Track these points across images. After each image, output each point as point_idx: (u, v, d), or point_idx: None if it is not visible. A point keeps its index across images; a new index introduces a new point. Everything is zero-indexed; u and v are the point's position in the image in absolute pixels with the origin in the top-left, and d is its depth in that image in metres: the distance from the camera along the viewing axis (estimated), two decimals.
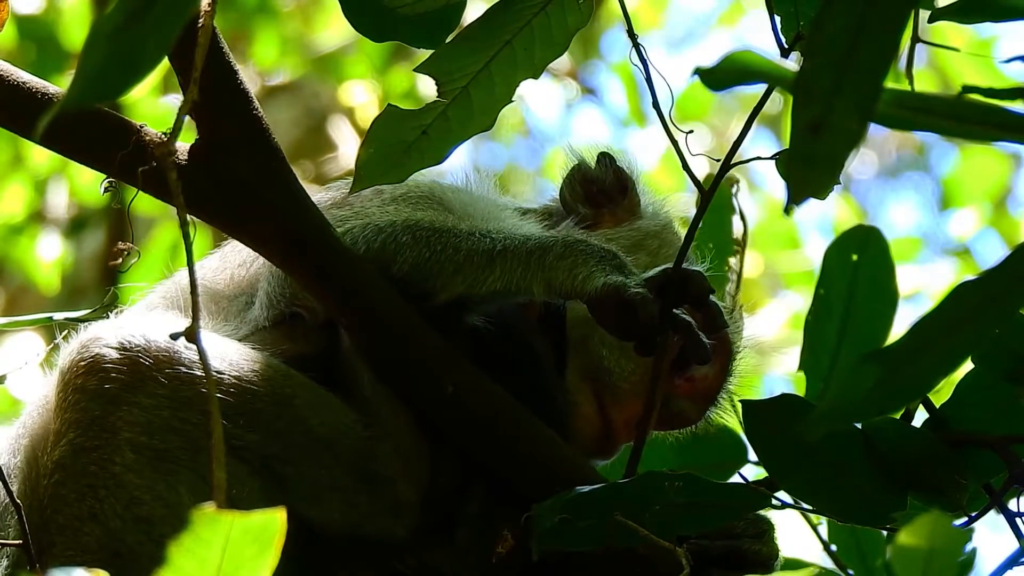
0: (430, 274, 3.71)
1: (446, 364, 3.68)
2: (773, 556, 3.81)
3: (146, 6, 2.62)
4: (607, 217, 4.30)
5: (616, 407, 4.05)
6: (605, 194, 4.32)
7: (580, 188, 4.32)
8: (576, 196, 4.31)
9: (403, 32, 3.75)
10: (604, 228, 4.26)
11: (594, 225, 4.26)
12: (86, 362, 3.60)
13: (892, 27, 2.54)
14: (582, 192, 4.32)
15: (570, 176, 4.32)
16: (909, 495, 3.51)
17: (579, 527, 3.47)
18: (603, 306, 3.63)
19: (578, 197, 4.31)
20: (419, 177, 3.81)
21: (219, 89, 3.52)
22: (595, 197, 4.31)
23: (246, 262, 4.04)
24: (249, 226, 3.64)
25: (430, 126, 3.70)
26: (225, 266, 4.08)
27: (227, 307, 3.96)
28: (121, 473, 3.56)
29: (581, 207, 4.29)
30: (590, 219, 4.27)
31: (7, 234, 9.85)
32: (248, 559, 2.53)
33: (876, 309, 4.07)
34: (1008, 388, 3.47)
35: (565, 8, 3.72)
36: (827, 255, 4.11)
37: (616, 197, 4.32)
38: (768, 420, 3.48)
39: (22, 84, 3.58)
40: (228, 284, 4.02)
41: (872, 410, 2.90)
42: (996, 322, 2.82)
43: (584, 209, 4.29)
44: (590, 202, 4.31)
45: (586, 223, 4.23)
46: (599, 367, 4.05)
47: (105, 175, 3.59)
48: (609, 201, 4.31)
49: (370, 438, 3.69)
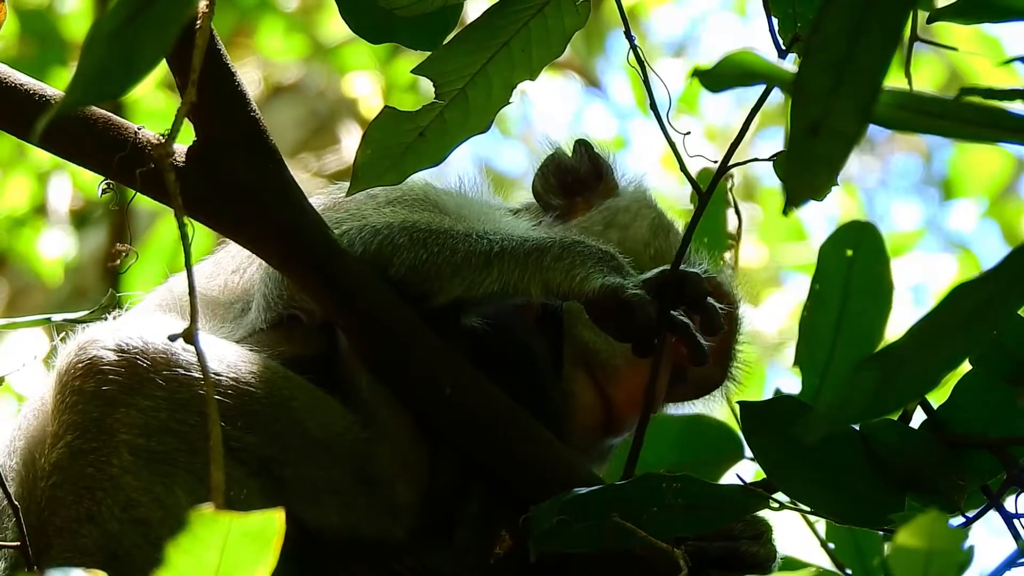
0: (428, 276, 3.71)
1: (444, 365, 3.69)
2: (771, 557, 3.81)
3: (144, 7, 2.62)
4: (580, 206, 4.30)
5: (614, 385, 4.04)
6: (581, 182, 4.32)
7: (554, 179, 4.32)
8: (549, 187, 4.32)
9: (401, 34, 3.75)
10: (578, 217, 4.27)
11: (567, 216, 4.27)
12: (84, 364, 3.60)
13: (891, 28, 2.54)
14: (556, 183, 4.32)
15: (543, 167, 4.33)
16: (907, 496, 3.50)
17: (577, 528, 3.47)
18: (601, 307, 3.63)
19: (551, 188, 4.32)
20: (413, 179, 3.81)
21: (217, 91, 3.52)
22: (570, 187, 4.32)
23: (240, 268, 4.04)
24: (247, 227, 3.64)
25: (427, 128, 3.70)
26: (219, 272, 4.08)
27: (222, 313, 3.95)
28: (118, 475, 3.56)
29: (553, 199, 4.29)
30: (563, 210, 4.27)
31: (11, 226, 9.83)
32: (246, 560, 2.53)
33: (871, 304, 4.06)
34: (1006, 389, 3.47)
35: (562, 10, 3.72)
36: (822, 250, 4.11)
37: (592, 184, 4.32)
38: (766, 421, 3.48)
39: (20, 86, 3.58)
40: (223, 290, 4.02)
41: (870, 412, 2.90)
42: (994, 324, 2.82)
43: (557, 200, 4.29)
44: (564, 192, 4.31)
45: (559, 215, 4.23)
46: (587, 351, 4.05)
47: (103, 177, 3.59)
48: (585, 189, 4.31)
49: (368, 439, 3.69)
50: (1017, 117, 2.65)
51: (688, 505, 3.48)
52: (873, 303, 3.97)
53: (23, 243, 9.82)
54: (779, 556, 3.83)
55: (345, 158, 10.80)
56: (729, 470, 4.29)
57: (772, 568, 3.80)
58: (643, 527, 3.45)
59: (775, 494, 3.57)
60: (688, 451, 4.26)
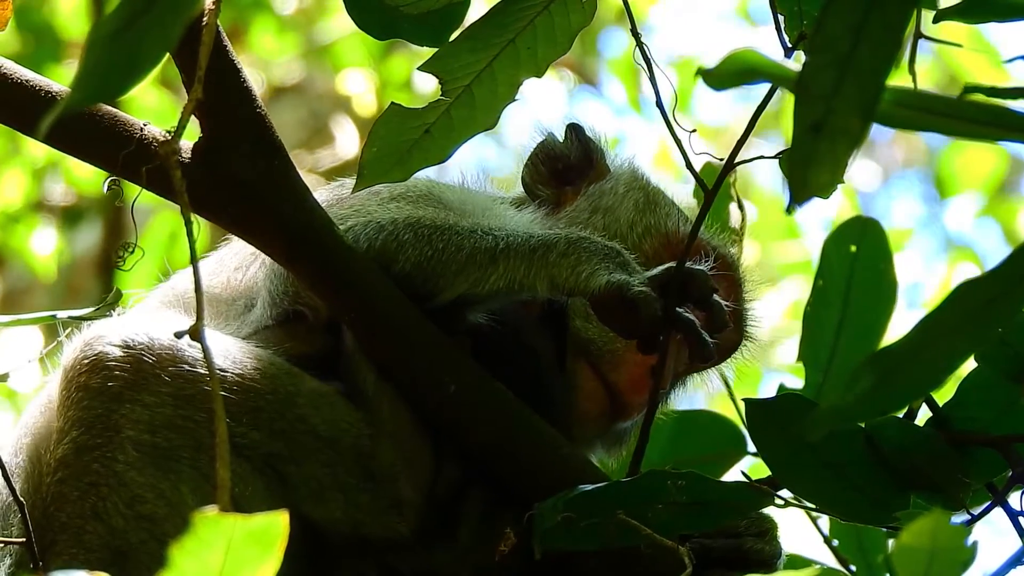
0: (433, 273, 3.70)
1: (448, 363, 3.69)
2: (776, 555, 3.80)
3: (147, 5, 2.62)
4: (570, 195, 4.28)
5: (615, 371, 4.03)
6: (572, 169, 4.30)
7: (544, 167, 4.29)
8: (539, 177, 4.29)
9: (406, 30, 3.75)
10: (567, 206, 4.25)
11: (558, 206, 4.25)
12: (89, 360, 3.60)
13: (894, 27, 2.54)
14: (546, 171, 4.29)
15: (532, 156, 4.29)
16: (911, 494, 3.50)
17: (581, 526, 3.47)
18: (606, 304, 3.62)
19: (540, 178, 4.29)
20: (415, 176, 3.81)
21: (223, 88, 3.53)
22: (561, 174, 4.29)
23: (243, 265, 4.03)
24: (252, 224, 3.64)
25: (433, 125, 3.69)
26: (221, 270, 4.08)
27: (225, 311, 3.95)
28: (124, 471, 3.56)
29: (542, 189, 4.27)
30: (552, 200, 4.25)
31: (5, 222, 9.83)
32: (250, 561, 2.52)
33: (874, 300, 4.07)
34: (1011, 387, 3.47)
35: (569, 7, 3.72)
36: (825, 246, 4.11)
37: (584, 170, 4.30)
38: (771, 419, 3.48)
39: (25, 82, 3.59)
40: (225, 288, 4.02)
41: (875, 410, 2.90)
42: (998, 321, 2.82)
43: (545, 191, 4.26)
44: (555, 181, 4.28)
45: (549, 205, 4.21)
46: (584, 340, 4.04)
47: (109, 173, 3.59)
48: (577, 176, 4.29)
49: (373, 437, 3.69)
50: (1020, 115, 2.65)
51: (692, 502, 3.48)
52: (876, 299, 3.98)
53: (17, 239, 9.82)
54: (783, 553, 3.83)
55: (339, 154, 10.81)
56: (733, 466, 4.30)
57: (776, 565, 3.79)
58: (647, 524, 3.45)
59: (779, 491, 3.57)
60: (692, 447, 4.27)
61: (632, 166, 4.36)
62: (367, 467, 3.67)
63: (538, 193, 4.26)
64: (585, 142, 4.31)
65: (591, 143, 4.32)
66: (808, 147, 2.58)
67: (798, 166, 2.60)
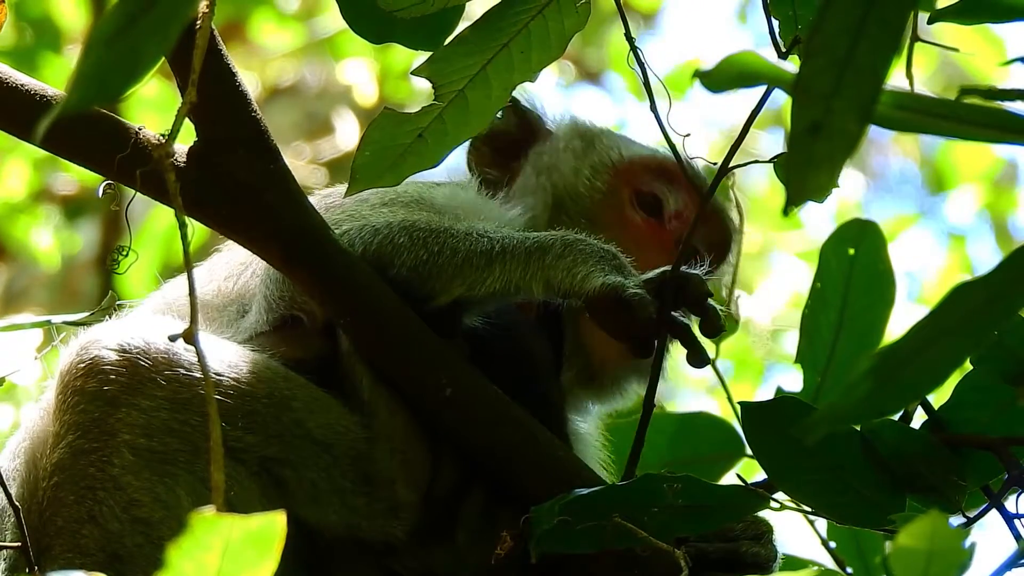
0: (429, 276, 3.70)
1: (445, 366, 3.68)
2: (772, 558, 3.80)
3: (145, 8, 2.62)
4: (518, 169, 4.29)
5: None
6: (518, 143, 4.30)
7: (487, 148, 4.30)
8: (482, 159, 4.29)
9: (401, 35, 3.76)
10: (516, 183, 4.25)
11: (510, 184, 4.24)
12: (85, 364, 3.60)
13: (892, 28, 2.54)
14: (489, 151, 4.29)
15: (472, 140, 4.27)
16: (908, 496, 3.51)
17: (578, 529, 3.47)
18: (601, 306, 3.63)
19: (485, 160, 4.29)
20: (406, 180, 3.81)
21: (217, 91, 3.52)
22: (507, 151, 4.29)
23: (233, 275, 4.03)
24: (248, 228, 3.64)
25: (426, 129, 3.69)
26: (212, 278, 4.07)
27: (217, 317, 3.95)
28: (120, 475, 3.55)
29: (489, 171, 4.27)
30: (502, 179, 4.25)
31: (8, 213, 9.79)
32: (247, 563, 2.52)
33: (873, 303, 4.07)
34: (1007, 390, 3.48)
35: (562, 11, 3.72)
36: (824, 249, 4.12)
37: (529, 141, 4.30)
38: (767, 422, 3.48)
39: (20, 87, 3.59)
40: (216, 295, 4.01)
41: (871, 412, 2.90)
42: (995, 324, 2.82)
43: (493, 172, 4.26)
44: (502, 159, 4.28)
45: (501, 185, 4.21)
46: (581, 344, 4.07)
47: (104, 177, 3.59)
48: (525, 145, 4.29)
49: (369, 440, 3.69)
50: (1018, 117, 2.65)
51: (689, 506, 3.48)
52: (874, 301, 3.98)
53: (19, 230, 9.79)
54: (780, 556, 3.83)
55: (339, 146, 10.79)
56: (730, 469, 4.29)
57: (773, 568, 3.80)
58: (644, 528, 3.45)
59: (776, 494, 3.57)
60: (689, 449, 4.27)
61: (571, 119, 4.36)
62: (363, 471, 3.67)
63: (488, 176, 4.26)
64: (521, 113, 4.32)
65: (527, 112, 4.33)
66: (806, 149, 2.58)
67: (796, 168, 2.60)
